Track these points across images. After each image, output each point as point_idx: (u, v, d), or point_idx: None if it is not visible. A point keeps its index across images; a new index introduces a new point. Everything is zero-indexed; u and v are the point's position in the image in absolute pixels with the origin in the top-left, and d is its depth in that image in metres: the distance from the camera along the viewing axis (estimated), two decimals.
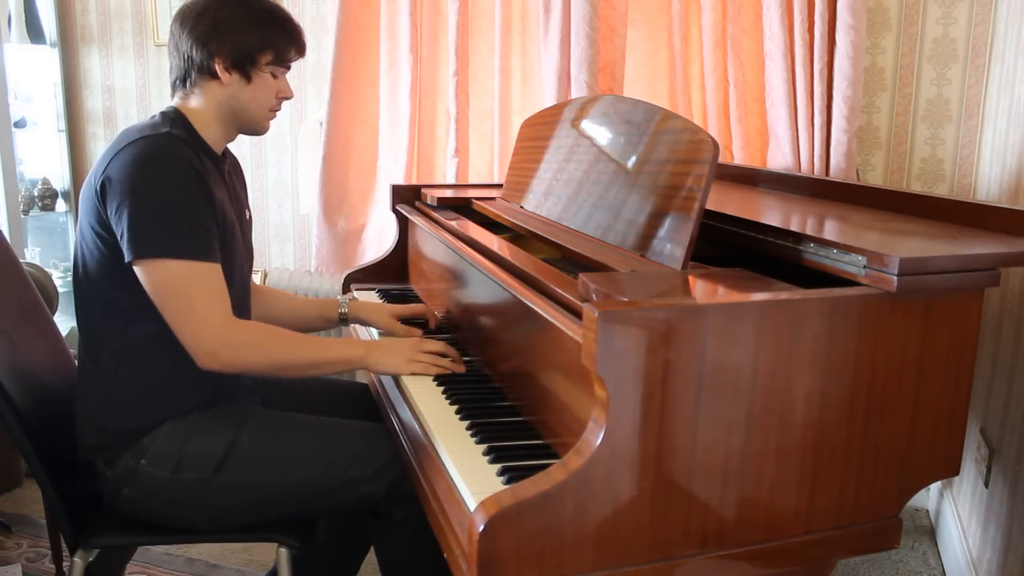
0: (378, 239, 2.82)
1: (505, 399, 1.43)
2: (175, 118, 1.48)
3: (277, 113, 1.56)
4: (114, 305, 1.43)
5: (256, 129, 1.56)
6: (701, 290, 1.11)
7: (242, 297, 1.57)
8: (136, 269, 1.37)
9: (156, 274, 1.36)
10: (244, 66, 1.48)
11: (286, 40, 1.51)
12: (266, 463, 1.43)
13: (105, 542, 1.49)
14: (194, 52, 1.46)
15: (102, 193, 1.38)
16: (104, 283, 1.43)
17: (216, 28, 1.46)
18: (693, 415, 1.02)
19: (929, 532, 2.30)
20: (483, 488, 1.10)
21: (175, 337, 1.41)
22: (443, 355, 1.55)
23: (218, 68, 1.47)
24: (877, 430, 1.12)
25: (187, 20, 1.47)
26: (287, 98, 1.56)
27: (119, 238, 1.37)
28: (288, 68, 1.55)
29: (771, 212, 1.59)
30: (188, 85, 1.50)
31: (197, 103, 1.50)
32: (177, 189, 1.38)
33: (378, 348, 1.54)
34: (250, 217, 1.65)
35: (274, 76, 1.52)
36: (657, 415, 1.00)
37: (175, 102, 1.52)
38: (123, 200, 1.35)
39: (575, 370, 1.14)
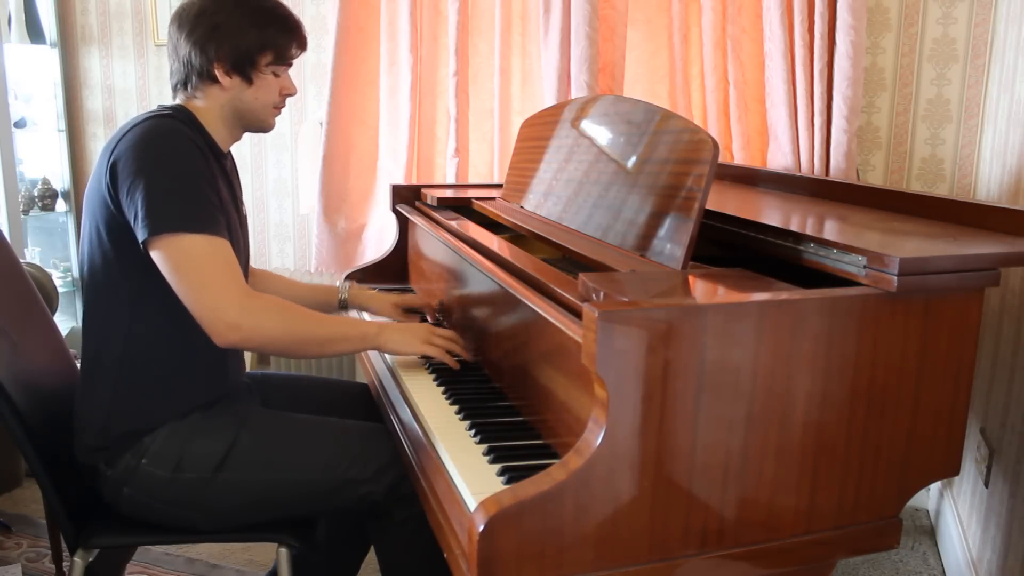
0: (378, 239, 2.82)
1: (505, 399, 1.43)
2: (180, 109, 1.49)
3: (282, 110, 1.56)
4: (120, 302, 1.43)
5: (262, 127, 1.56)
6: (701, 290, 1.11)
7: None
8: (152, 249, 1.36)
9: (172, 250, 1.35)
10: (244, 69, 1.48)
11: (285, 38, 1.50)
12: (266, 463, 1.43)
13: (105, 542, 1.49)
14: (193, 57, 1.46)
15: (112, 177, 1.37)
16: (111, 279, 1.43)
17: (214, 31, 1.45)
18: (693, 415, 1.02)
19: (929, 532, 2.30)
20: (483, 488, 1.10)
21: (178, 335, 1.41)
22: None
23: (218, 72, 1.46)
24: (877, 430, 1.12)
25: (184, 23, 1.47)
26: (291, 94, 1.55)
27: (132, 220, 1.36)
28: (290, 65, 1.54)
29: (771, 212, 1.59)
30: (190, 88, 1.49)
31: (201, 104, 1.50)
32: (186, 165, 1.38)
33: (392, 328, 1.54)
34: (245, 215, 1.65)
35: (276, 75, 1.51)
36: (657, 415, 1.00)
37: (179, 102, 1.52)
38: (134, 180, 1.34)
39: (575, 370, 1.14)
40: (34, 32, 3.37)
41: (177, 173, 1.37)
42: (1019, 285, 1.74)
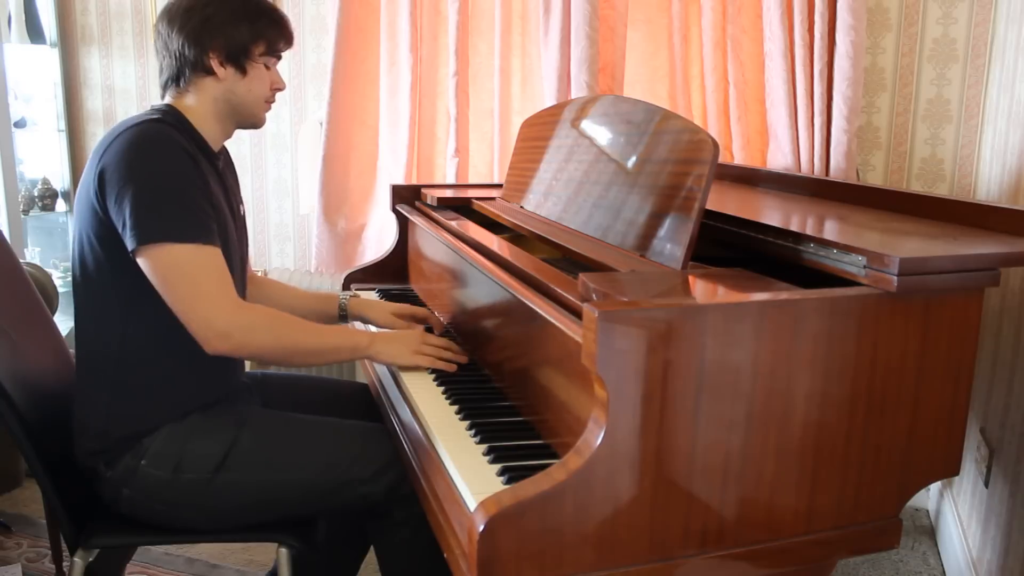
0: (378, 239, 2.82)
1: (505, 399, 1.43)
2: (168, 111, 1.48)
3: (272, 105, 1.57)
4: (113, 306, 1.43)
5: (254, 122, 1.56)
6: (701, 290, 1.11)
7: (240, 291, 1.57)
8: (140, 258, 1.36)
9: (161, 260, 1.35)
10: (238, 59, 1.48)
11: (275, 30, 1.52)
12: (266, 463, 1.43)
13: (105, 542, 1.49)
14: (186, 49, 1.46)
15: (100, 185, 1.36)
16: (103, 284, 1.43)
17: (207, 23, 1.45)
18: (693, 415, 1.02)
19: (929, 532, 2.30)
20: (483, 488, 1.10)
21: (174, 338, 1.41)
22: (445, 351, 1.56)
23: (213, 63, 1.47)
24: (877, 430, 1.12)
25: (175, 18, 1.47)
26: (280, 89, 1.56)
27: (121, 228, 1.36)
28: (279, 58, 1.55)
29: (771, 212, 1.59)
30: (182, 83, 1.49)
31: (192, 101, 1.50)
32: (175, 172, 1.37)
33: (383, 338, 1.55)
34: (243, 213, 1.65)
35: (267, 67, 1.52)
36: (657, 415, 1.00)
37: (168, 101, 1.52)
38: (122, 188, 1.34)
39: (575, 370, 1.14)
40: (34, 32, 3.37)
41: (165, 181, 1.36)
42: (1019, 285, 1.74)
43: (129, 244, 1.35)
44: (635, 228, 1.34)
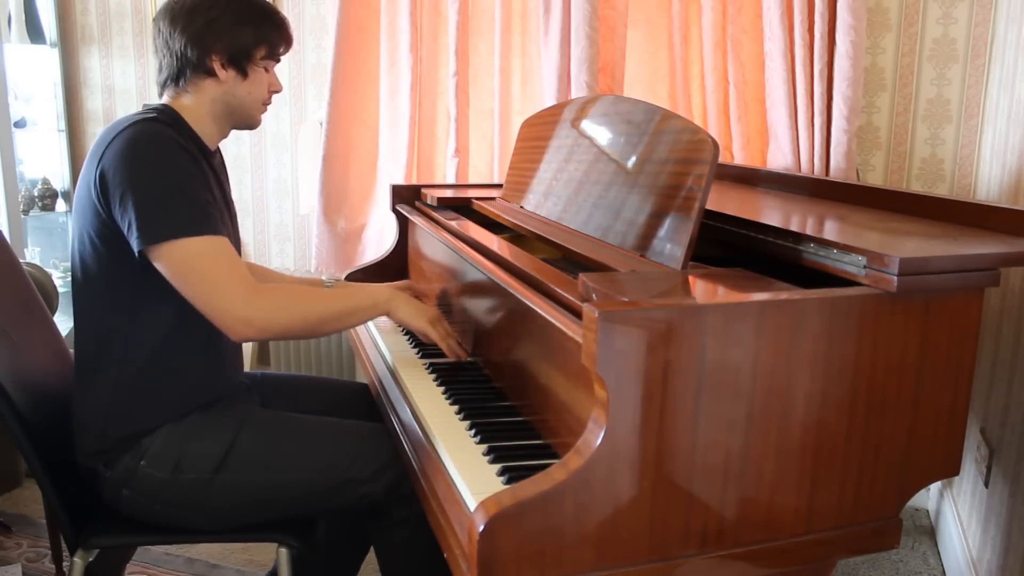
0: (378, 239, 2.82)
1: (505, 399, 1.43)
2: (164, 111, 1.48)
3: (268, 107, 1.58)
4: (116, 307, 1.43)
5: (250, 123, 1.57)
6: (701, 290, 1.11)
7: None
8: (153, 257, 1.36)
9: (174, 256, 1.35)
10: (240, 62, 1.49)
11: (277, 34, 1.52)
12: (265, 463, 1.43)
13: (105, 542, 1.49)
14: (188, 50, 1.46)
15: (101, 187, 1.36)
16: (106, 285, 1.43)
17: (210, 26, 1.46)
18: (693, 415, 1.02)
19: (929, 532, 2.30)
20: (483, 488, 1.10)
21: (174, 337, 1.41)
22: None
23: (215, 65, 1.47)
24: (877, 430, 1.12)
25: (177, 19, 1.47)
26: (277, 91, 1.57)
27: (126, 229, 1.36)
28: (278, 61, 1.57)
29: (771, 212, 1.59)
30: (181, 83, 1.49)
31: (190, 101, 1.50)
32: (175, 168, 1.37)
33: (401, 297, 1.56)
34: (234, 213, 1.66)
35: (266, 70, 1.53)
36: (657, 415, 1.00)
37: (165, 100, 1.52)
38: (125, 189, 1.34)
39: (575, 370, 1.14)
40: (34, 32, 3.37)
41: (167, 177, 1.36)
42: (1019, 285, 1.74)
43: (137, 245, 1.35)
44: (635, 228, 1.34)
